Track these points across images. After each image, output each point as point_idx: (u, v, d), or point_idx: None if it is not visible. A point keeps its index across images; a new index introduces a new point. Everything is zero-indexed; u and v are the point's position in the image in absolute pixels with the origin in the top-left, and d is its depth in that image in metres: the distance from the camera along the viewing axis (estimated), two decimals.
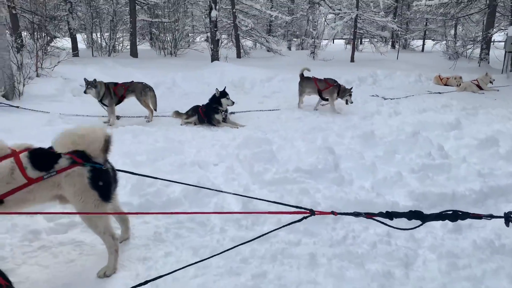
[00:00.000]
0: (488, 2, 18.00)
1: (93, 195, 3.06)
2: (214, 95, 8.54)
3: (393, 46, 30.77)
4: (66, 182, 3.03)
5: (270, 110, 9.59)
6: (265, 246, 3.46)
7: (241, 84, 12.72)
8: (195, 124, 8.68)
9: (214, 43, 15.30)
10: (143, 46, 24.89)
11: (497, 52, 21.11)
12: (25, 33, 15.25)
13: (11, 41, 10.89)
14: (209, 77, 13.31)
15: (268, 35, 21.50)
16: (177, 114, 9.07)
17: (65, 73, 11.30)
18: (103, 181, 3.11)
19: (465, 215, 2.97)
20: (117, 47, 20.77)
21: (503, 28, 20.51)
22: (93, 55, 19.23)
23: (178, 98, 11.34)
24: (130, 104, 9.04)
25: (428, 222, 2.84)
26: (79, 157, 3.07)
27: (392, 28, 19.31)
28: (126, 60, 17.51)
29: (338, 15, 19.34)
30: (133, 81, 8.87)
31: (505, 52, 15.59)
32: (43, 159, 3.05)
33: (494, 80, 13.55)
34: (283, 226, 2.86)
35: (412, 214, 2.87)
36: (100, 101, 8.38)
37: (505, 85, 13.93)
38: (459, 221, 2.80)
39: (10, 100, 9.28)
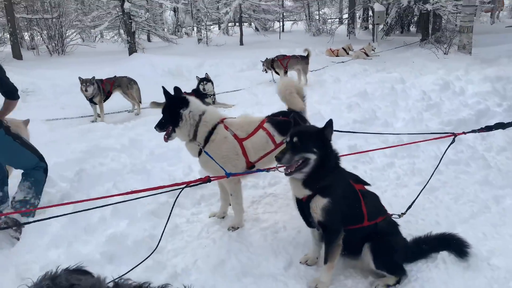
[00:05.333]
0: None
1: None
2: (200, 80, 9.15)
3: (256, 29, 33.47)
4: None
5: (237, 90, 10.55)
6: None
7: (179, 73, 13.15)
8: None
9: (131, 35, 15.07)
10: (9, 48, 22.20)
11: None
12: None
13: None
14: (141, 69, 13.27)
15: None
16: (156, 104, 9.34)
17: None
18: None
19: None
20: None
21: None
22: None
23: None
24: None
25: None
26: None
27: (276, 10, 21.45)
28: (24, 63, 15.90)
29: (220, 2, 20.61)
30: (116, 75, 8.83)
31: (374, 24, 19.11)
32: (283, 126, 3.80)
33: (375, 48, 16.78)
34: (446, 150, 4.18)
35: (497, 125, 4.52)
36: (91, 99, 8.22)
37: (380, 51, 17.28)
38: None
39: None
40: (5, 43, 20.84)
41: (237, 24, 31.76)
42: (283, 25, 34.70)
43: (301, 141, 2.75)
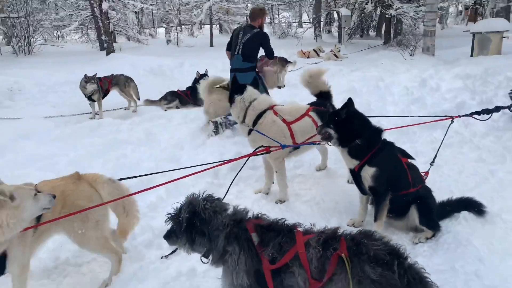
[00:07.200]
0: None
1: None
2: (196, 77, 9.51)
3: (220, 31, 33.92)
4: None
5: None
6: None
7: (162, 72, 13.35)
8: (177, 107, 9.48)
9: (109, 35, 15.05)
10: None
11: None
12: None
13: None
14: (121, 69, 13.27)
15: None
16: (150, 102, 9.62)
17: None
18: None
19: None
20: None
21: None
22: None
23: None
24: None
25: None
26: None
27: (245, 13, 22.02)
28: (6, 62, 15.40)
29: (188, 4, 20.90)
30: (113, 74, 9.00)
31: (340, 27, 20.14)
32: (324, 114, 4.34)
33: (340, 50, 17.76)
34: (447, 130, 4.90)
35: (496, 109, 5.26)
36: (90, 97, 8.35)
37: (348, 53, 18.30)
38: None
39: None
40: None
41: (203, 26, 32.11)
42: None
43: (325, 120, 3.68)
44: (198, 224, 2.20)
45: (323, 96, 4.70)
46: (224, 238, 2.21)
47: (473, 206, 3.74)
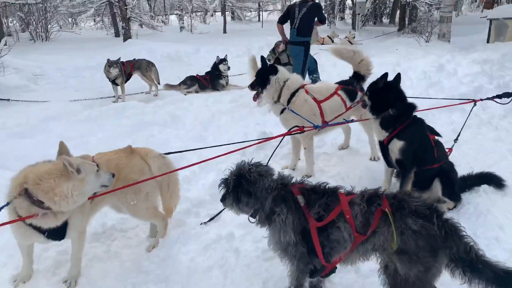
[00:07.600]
0: None
1: None
2: (215, 62, 9.69)
3: (232, 18, 33.94)
4: None
5: (241, 74, 11.08)
6: None
7: (179, 58, 13.56)
8: (196, 92, 9.69)
9: (126, 22, 15.27)
10: None
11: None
12: None
13: None
14: (138, 54, 13.48)
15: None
16: (169, 86, 9.84)
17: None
18: None
19: None
20: None
21: None
22: None
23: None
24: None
25: None
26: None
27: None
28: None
29: None
30: (135, 58, 9.23)
31: (355, 14, 20.12)
32: (351, 93, 4.53)
33: (354, 36, 17.80)
34: (470, 112, 5.03)
35: None
36: (113, 80, 8.59)
37: (363, 39, 18.31)
38: None
39: None
40: None
41: (214, 13, 32.19)
42: (259, 15, 35.43)
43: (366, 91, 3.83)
44: (244, 184, 2.42)
45: (357, 77, 4.85)
46: (271, 199, 2.43)
47: (493, 180, 3.92)
